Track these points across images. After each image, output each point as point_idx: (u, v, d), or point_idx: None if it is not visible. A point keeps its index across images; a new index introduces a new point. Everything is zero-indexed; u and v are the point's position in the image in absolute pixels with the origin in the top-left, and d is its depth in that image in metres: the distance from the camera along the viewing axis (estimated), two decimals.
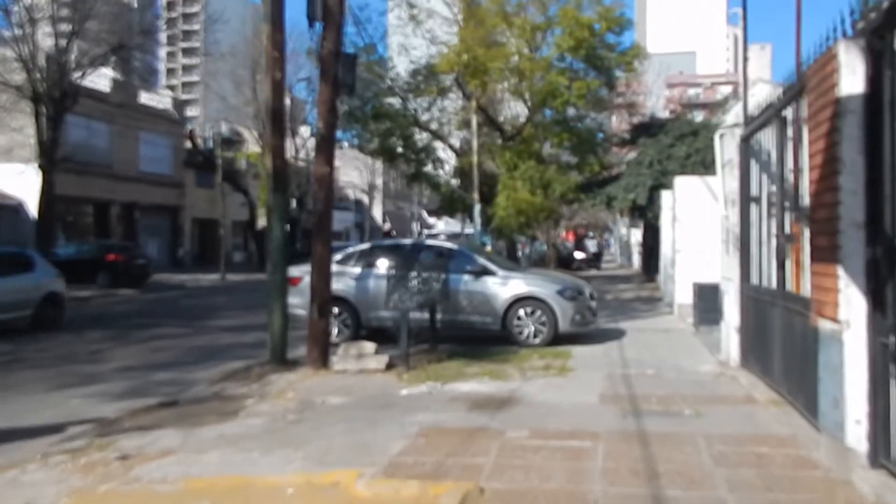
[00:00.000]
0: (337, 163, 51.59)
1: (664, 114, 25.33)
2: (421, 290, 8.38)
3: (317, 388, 6.87)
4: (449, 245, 10.17)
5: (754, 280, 6.85)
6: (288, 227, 8.68)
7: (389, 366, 7.76)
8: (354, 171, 59.60)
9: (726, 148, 7.43)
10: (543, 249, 35.42)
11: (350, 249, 10.38)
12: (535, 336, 9.41)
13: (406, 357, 7.77)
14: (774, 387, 5.96)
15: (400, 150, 19.92)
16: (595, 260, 33.40)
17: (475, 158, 19.56)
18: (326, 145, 7.88)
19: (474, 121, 19.74)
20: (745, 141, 6.97)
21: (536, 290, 9.44)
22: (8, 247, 15.58)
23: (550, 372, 7.65)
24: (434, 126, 21.93)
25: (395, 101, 20.11)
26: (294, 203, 37.75)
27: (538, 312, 9.39)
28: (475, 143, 19.71)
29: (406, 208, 67.75)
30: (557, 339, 9.44)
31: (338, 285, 9.62)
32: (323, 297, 7.87)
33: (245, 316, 13.69)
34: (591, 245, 34.51)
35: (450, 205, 22.03)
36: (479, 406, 6.01)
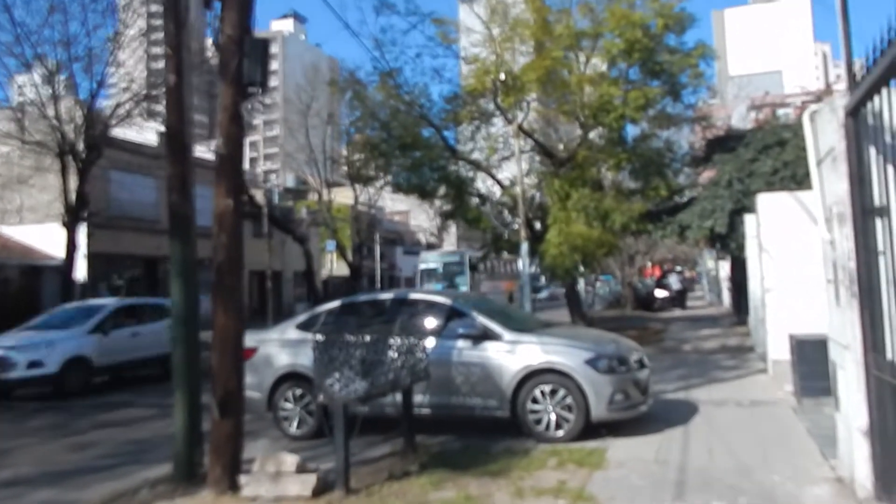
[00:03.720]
0: (404, 206, 50.30)
1: None
2: (390, 366, 5.90)
3: None
4: (438, 299, 7.68)
5: (892, 351, 3.97)
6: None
7: (321, 489, 5.29)
8: (423, 214, 58.28)
9: (823, 133, 4.65)
10: (618, 289, 32.09)
11: (318, 309, 8.09)
12: (557, 427, 6.70)
13: (344, 475, 5.28)
14: None
15: (432, 183, 17.69)
16: (679, 298, 29.65)
17: (520, 189, 17.03)
18: (230, 168, 5.73)
19: (516, 146, 17.28)
20: (854, 115, 4.19)
21: (557, 360, 6.77)
22: (149, 298, 16.85)
23: (561, 499, 4.94)
24: (478, 156, 19.63)
25: (428, 132, 18.00)
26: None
27: (561, 392, 6.71)
28: (519, 172, 17.19)
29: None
30: (590, 428, 6.66)
31: (298, 359, 7.37)
32: (226, 389, 5.59)
33: None
34: (675, 281, 30.76)
35: (494, 244, 19.49)
36: None
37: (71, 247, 20.60)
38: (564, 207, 16.41)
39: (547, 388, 6.77)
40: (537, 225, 19.17)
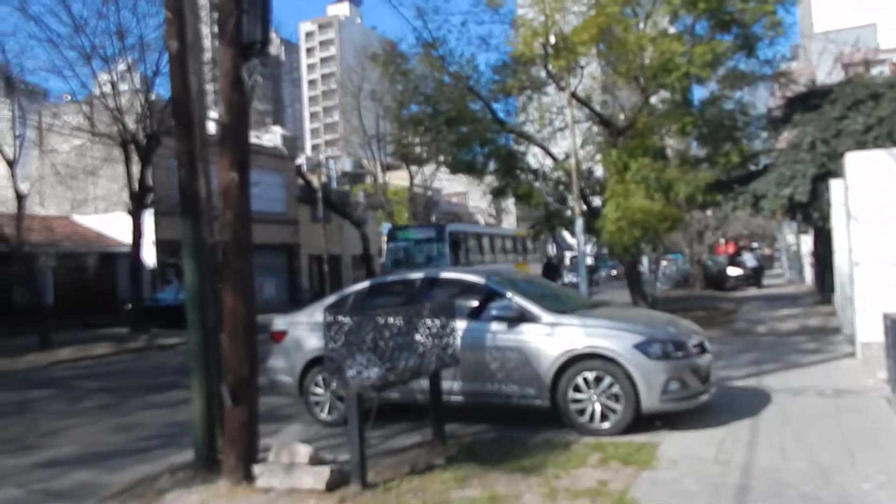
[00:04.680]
0: (461, 187, 49.73)
1: None
2: (413, 350, 5.41)
3: None
4: (471, 278, 7.10)
5: None
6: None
7: (335, 483, 4.88)
8: (481, 195, 57.59)
9: None
10: (686, 268, 30.61)
11: (346, 291, 7.67)
12: (602, 418, 6.05)
13: (360, 469, 4.84)
14: None
15: (481, 159, 17.00)
16: (754, 277, 27.98)
17: (573, 161, 16.14)
18: (233, 138, 5.31)
19: (569, 115, 16.36)
20: None
21: (602, 345, 6.12)
22: None
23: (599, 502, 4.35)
24: (529, 129, 18.78)
25: (476, 105, 17.29)
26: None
27: (607, 380, 6.06)
28: (573, 142, 16.28)
29: None
30: (641, 420, 5.99)
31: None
32: (238, 376, 5.24)
33: None
34: (750, 259, 29.03)
35: (547, 221, 18.64)
36: None
37: (137, 234, 21.14)
38: (623, 180, 15.46)
39: (591, 376, 6.14)
40: (594, 200, 18.24)
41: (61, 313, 23.10)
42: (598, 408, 6.11)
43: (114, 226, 26.14)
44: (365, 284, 7.65)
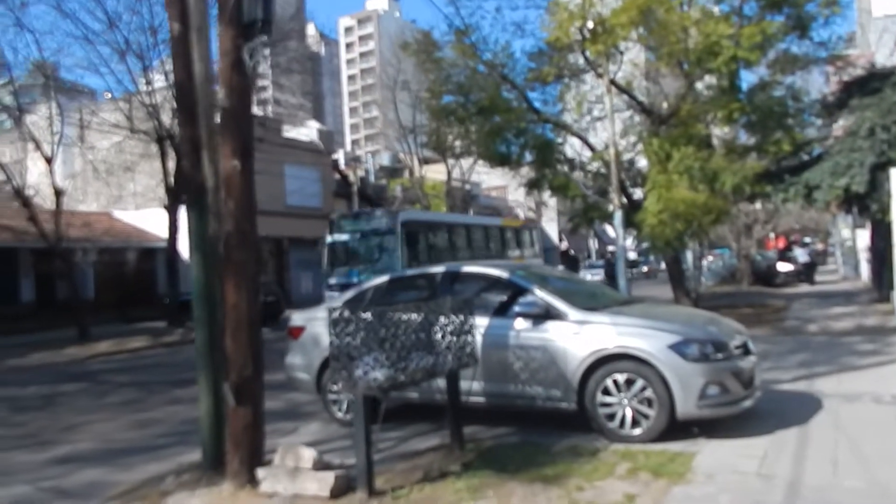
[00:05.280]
0: (501, 181, 49.16)
1: None
2: (428, 348, 5.10)
3: None
4: (493, 272, 6.74)
5: None
6: None
7: (341, 489, 4.62)
8: (522, 189, 56.92)
9: None
10: (733, 263, 29.54)
11: (365, 285, 7.40)
12: (633, 424, 5.63)
13: (366, 476, 4.56)
14: None
15: (515, 150, 16.53)
16: (806, 272, 26.78)
17: (612, 151, 15.57)
18: (235, 124, 5.06)
19: (608, 102, 15.77)
20: None
21: (634, 345, 5.70)
22: None
23: None
24: (567, 119, 18.23)
25: (510, 94, 16.84)
26: None
27: (639, 383, 5.64)
28: (611, 131, 15.69)
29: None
30: (677, 426, 5.56)
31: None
32: (241, 375, 5.00)
33: None
34: (801, 254, 27.82)
35: (584, 214, 18.07)
36: None
37: (173, 229, 21.36)
38: (665, 170, 14.81)
39: (621, 378, 5.72)
40: (635, 192, 17.60)
41: (101, 307, 23.64)
42: (628, 413, 5.69)
43: (152, 221, 26.57)
44: (384, 279, 7.37)
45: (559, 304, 6.14)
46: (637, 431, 5.65)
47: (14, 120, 19.48)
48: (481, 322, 6.26)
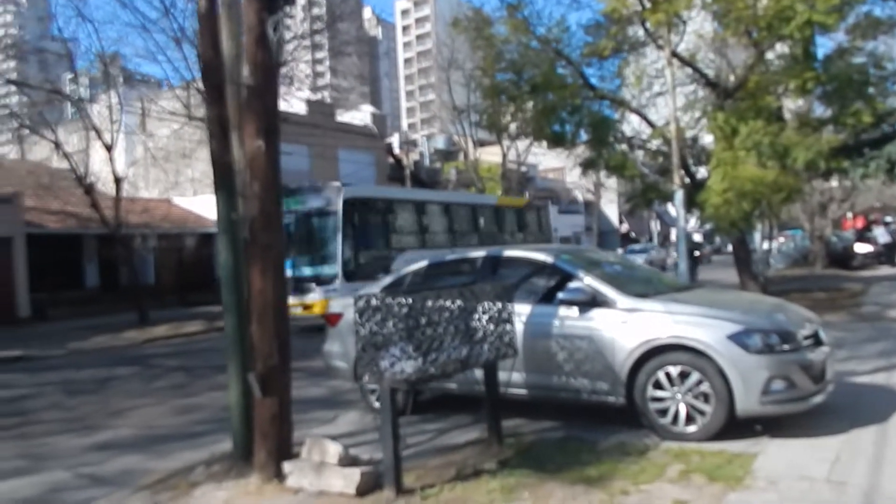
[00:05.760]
0: (557, 163, 48.16)
1: None
2: (462, 338, 4.83)
3: None
4: (537, 256, 6.37)
5: None
6: None
7: (367, 487, 4.41)
8: (580, 170, 55.66)
9: None
10: (806, 244, 28.02)
11: (404, 270, 7.15)
12: (687, 421, 5.20)
13: (394, 473, 4.33)
14: None
15: (569, 128, 15.93)
16: (887, 254, 25.12)
17: (673, 127, 14.80)
18: (260, 102, 4.86)
19: (669, 76, 14.98)
20: None
21: (689, 335, 5.26)
22: None
23: None
24: (626, 96, 17.48)
25: (565, 70, 16.23)
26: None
27: (694, 376, 5.20)
28: (673, 105, 14.91)
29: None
30: (736, 424, 5.12)
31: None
32: (267, 364, 4.83)
33: None
34: (882, 234, 26.10)
35: (643, 194, 17.32)
36: None
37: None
38: (730, 146, 13.99)
39: (674, 371, 5.30)
40: (697, 171, 16.76)
41: (162, 292, 24.35)
42: (682, 408, 5.27)
43: (209, 206, 27.16)
44: (423, 264, 7.10)
45: (607, 291, 5.74)
46: (691, 429, 5.22)
47: (77, 109, 20.08)
48: (523, 310, 5.93)
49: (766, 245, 23.25)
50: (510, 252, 6.63)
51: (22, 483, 5.50)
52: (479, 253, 6.77)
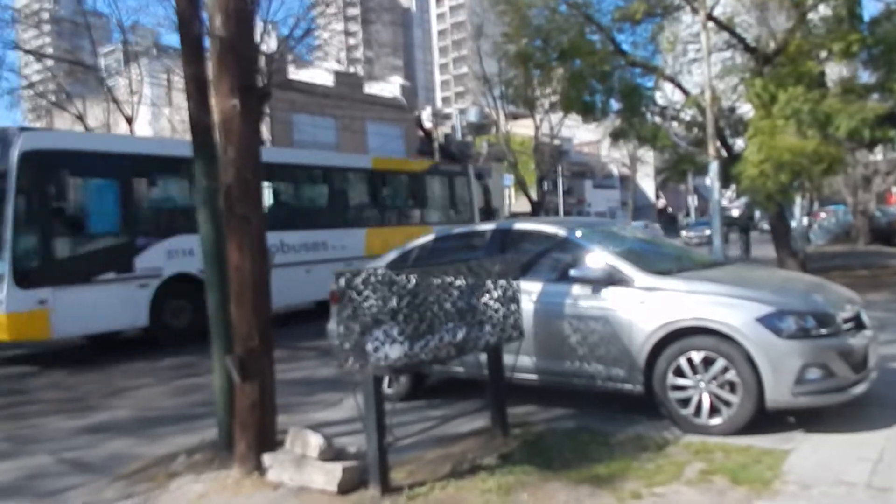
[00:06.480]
0: (592, 136, 47.00)
1: None
2: (460, 320, 4.40)
3: None
4: (550, 230, 5.86)
5: None
6: None
7: (351, 484, 4.04)
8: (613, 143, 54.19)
9: None
10: (848, 219, 26.76)
11: (409, 245, 6.71)
12: (711, 412, 4.70)
13: (378, 470, 3.93)
14: None
15: (599, 98, 15.17)
16: None
17: (708, 95, 13.98)
18: (232, 56, 4.41)
19: (704, 40, 14.12)
20: None
21: (713, 316, 4.73)
22: None
23: None
24: (659, 64, 16.60)
25: (595, 37, 15.44)
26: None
27: (719, 363, 4.68)
28: (708, 72, 14.07)
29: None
30: (766, 416, 4.60)
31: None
32: (247, 346, 4.45)
33: None
34: None
35: (676, 165, 16.51)
36: None
37: None
38: (768, 114, 13.18)
39: (697, 357, 4.78)
40: (734, 143, 15.89)
41: None
42: (706, 399, 4.76)
43: None
44: (429, 238, 6.65)
45: (623, 267, 5.21)
46: (716, 421, 4.71)
47: (99, 81, 19.99)
48: (534, 288, 5.46)
49: (805, 220, 22.22)
50: (521, 225, 6.12)
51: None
52: (488, 226, 6.28)
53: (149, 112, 22.27)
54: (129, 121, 18.71)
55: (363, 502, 3.92)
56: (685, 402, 4.84)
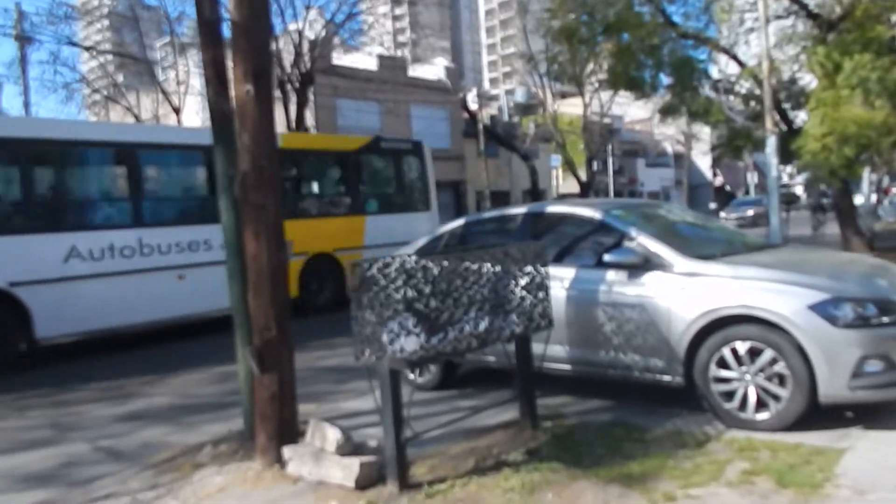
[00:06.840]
0: (644, 113, 45.86)
1: None
2: (486, 309, 4.19)
3: None
4: (584, 212, 5.54)
5: None
6: None
7: (368, 479, 3.91)
8: (669, 121, 52.49)
9: None
10: None
11: (439, 231, 6.52)
12: (758, 407, 4.37)
13: (396, 466, 3.78)
14: None
15: (649, 71, 14.55)
16: None
17: (766, 65, 13.22)
18: (246, 41, 4.28)
19: (761, 7, 13.33)
20: None
21: (762, 304, 4.38)
22: None
23: None
24: (714, 34, 15.83)
25: (643, 9, 14.79)
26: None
27: (767, 354, 4.34)
28: (765, 41, 13.30)
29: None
30: (819, 411, 4.25)
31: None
32: (265, 337, 4.35)
33: None
34: None
35: (731, 141, 15.74)
36: None
37: None
38: (832, 84, 12.35)
39: (743, 347, 4.44)
40: (795, 117, 15.05)
41: None
42: (752, 392, 4.42)
43: None
44: (459, 223, 6.43)
45: (661, 251, 4.89)
46: (763, 416, 4.38)
47: (148, 73, 20.41)
48: (566, 274, 5.20)
49: (874, 196, 21.01)
50: (553, 208, 5.85)
51: (37, 456, 5.34)
52: (519, 210, 6.01)
53: (196, 102, 22.62)
54: (177, 111, 19.03)
55: (381, 498, 3.78)
56: (729, 396, 4.51)
